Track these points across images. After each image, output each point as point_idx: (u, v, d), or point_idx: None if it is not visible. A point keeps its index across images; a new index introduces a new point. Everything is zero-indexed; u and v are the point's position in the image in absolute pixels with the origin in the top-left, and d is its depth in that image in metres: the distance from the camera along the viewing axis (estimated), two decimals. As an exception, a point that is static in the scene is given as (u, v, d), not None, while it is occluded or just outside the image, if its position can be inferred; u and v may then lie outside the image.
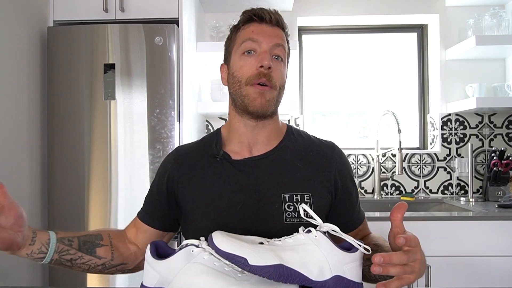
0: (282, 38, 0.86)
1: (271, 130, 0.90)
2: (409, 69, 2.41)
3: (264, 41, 0.83)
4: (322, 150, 0.91)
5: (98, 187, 1.65)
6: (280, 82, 0.86)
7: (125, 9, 1.72)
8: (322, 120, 2.47)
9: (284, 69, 0.88)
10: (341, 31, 2.42)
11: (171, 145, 1.64)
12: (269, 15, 0.86)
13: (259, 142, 0.89)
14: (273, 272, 0.62)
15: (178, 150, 0.95)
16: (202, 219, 0.83)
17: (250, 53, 0.84)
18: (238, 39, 0.87)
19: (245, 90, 0.83)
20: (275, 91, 0.85)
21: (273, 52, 0.84)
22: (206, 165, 0.88)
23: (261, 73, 0.82)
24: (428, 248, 1.58)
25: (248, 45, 0.84)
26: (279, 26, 0.87)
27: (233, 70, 0.86)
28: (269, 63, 0.81)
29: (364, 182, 2.24)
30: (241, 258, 0.62)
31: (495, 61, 2.22)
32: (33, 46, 1.67)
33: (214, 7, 2.17)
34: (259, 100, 0.82)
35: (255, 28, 0.85)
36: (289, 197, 0.83)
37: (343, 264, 0.65)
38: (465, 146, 2.20)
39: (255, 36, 0.84)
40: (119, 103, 1.66)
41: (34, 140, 1.68)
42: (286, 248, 0.65)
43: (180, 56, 1.68)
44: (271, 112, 0.86)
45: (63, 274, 1.65)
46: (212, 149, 0.90)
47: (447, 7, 2.24)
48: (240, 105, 0.85)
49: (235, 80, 0.85)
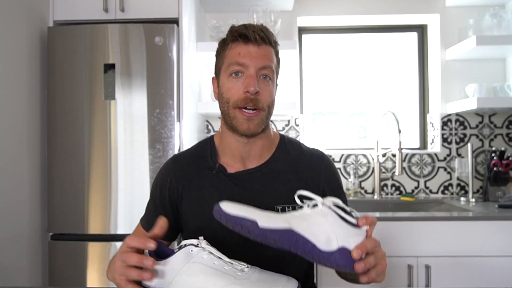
0: (269, 57, 0.86)
1: (263, 143, 0.92)
2: (409, 69, 2.41)
3: (251, 64, 0.83)
4: (312, 161, 0.94)
5: (98, 187, 1.65)
6: (268, 101, 0.86)
7: (125, 9, 1.72)
8: (322, 120, 2.46)
9: (272, 87, 0.88)
10: (341, 31, 2.42)
11: (171, 145, 1.64)
12: (254, 34, 0.84)
13: (251, 155, 0.91)
14: (282, 237, 0.60)
15: (175, 161, 0.96)
16: (198, 231, 0.85)
17: (238, 74, 0.84)
18: (226, 60, 0.87)
19: (233, 113, 0.85)
20: (264, 113, 0.86)
21: (260, 73, 0.85)
22: (203, 177, 0.91)
23: (247, 98, 0.83)
24: (428, 248, 1.58)
25: (236, 68, 0.84)
26: (266, 43, 0.86)
27: (222, 91, 0.88)
28: (255, 88, 0.82)
29: (364, 182, 2.24)
30: (249, 222, 0.60)
31: (495, 61, 2.22)
32: (33, 46, 1.67)
33: (214, 7, 2.17)
34: (246, 125, 0.84)
35: (241, 50, 0.84)
36: (281, 209, 0.86)
37: (348, 236, 0.64)
38: (465, 146, 2.20)
39: (241, 59, 0.84)
40: (119, 103, 1.66)
41: (34, 140, 1.68)
42: (294, 217, 0.65)
43: (180, 56, 1.68)
44: (261, 131, 0.88)
45: (63, 274, 1.65)
46: (207, 161, 0.92)
47: (447, 7, 2.24)
48: (230, 125, 0.87)
49: (223, 101, 0.87)
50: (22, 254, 1.59)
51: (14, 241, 1.54)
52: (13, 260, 1.54)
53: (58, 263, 1.65)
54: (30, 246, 1.64)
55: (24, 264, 1.60)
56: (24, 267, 1.60)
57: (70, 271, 1.64)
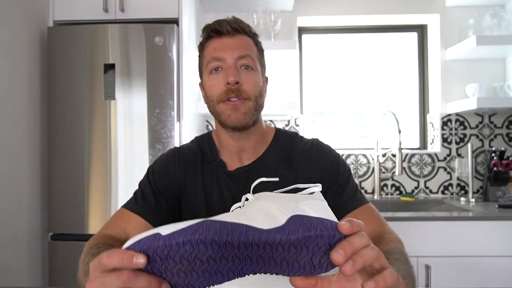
0: (246, 47, 0.84)
1: (257, 137, 0.91)
2: (409, 69, 2.41)
3: (228, 56, 0.82)
4: (302, 151, 0.91)
5: (98, 187, 1.65)
6: (254, 92, 0.83)
7: (125, 9, 1.72)
8: (322, 120, 2.46)
9: (256, 77, 0.85)
10: (341, 31, 2.42)
11: (171, 145, 1.64)
12: (227, 26, 0.82)
13: (246, 150, 0.90)
14: (193, 232, 0.42)
15: (179, 152, 0.94)
16: None
17: (218, 70, 0.83)
18: (204, 59, 0.86)
19: (219, 108, 0.83)
20: (250, 102, 0.83)
21: (240, 63, 0.82)
22: (206, 171, 0.90)
23: (229, 90, 0.81)
24: (428, 248, 1.58)
25: (214, 64, 0.83)
26: (241, 33, 0.84)
27: (206, 91, 0.87)
28: (235, 78, 0.80)
29: (364, 182, 2.24)
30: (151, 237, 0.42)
31: (495, 61, 2.21)
32: (33, 46, 1.67)
33: (214, 7, 2.17)
34: (234, 115, 0.82)
35: (216, 45, 0.83)
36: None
37: (297, 202, 0.49)
38: (465, 146, 2.20)
39: (217, 54, 0.82)
40: (119, 103, 1.66)
41: (34, 140, 1.68)
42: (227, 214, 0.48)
43: (180, 56, 1.68)
44: (251, 122, 0.85)
45: (63, 274, 1.65)
46: (208, 155, 0.92)
47: (447, 7, 2.24)
48: (219, 121, 0.86)
49: (209, 100, 0.86)
50: (22, 254, 1.59)
51: (14, 241, 1.54)
52: (13, 260, 1.54)
53: (58, 263, 1.65)
54: (30, 246, 1.63)
55: (24, 264, 1.60)
56: (24, 267, 1.60)
57: (70, 271, 1.64)
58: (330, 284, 0.48)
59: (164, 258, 0.42)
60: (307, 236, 0.44)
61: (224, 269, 0.45)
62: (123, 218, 0.86)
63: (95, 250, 0.74)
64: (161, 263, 0.42)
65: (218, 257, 0.44)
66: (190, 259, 0.43)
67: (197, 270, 0.44)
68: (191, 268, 0.44)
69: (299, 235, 0.44)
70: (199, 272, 0.44)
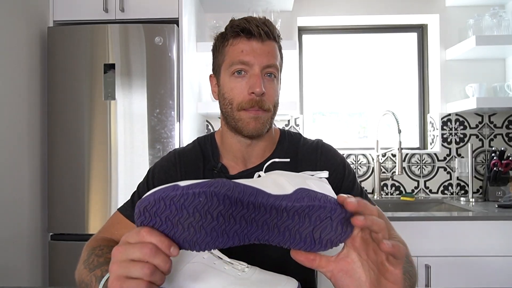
0: (273, 55, 0.81)
1: (266, 142, 0.89)
2: (409, 69, 2.41)
3: (255, 63, 0.78)
4: (308, 153, 0.89)
5: (98, 187, 1.65)
6: (274, 101, 0.83)
7: (125, 9, 1.72)
8: (322, 120, 2.46)
9: (277, 85, 0.83)
10: (341, 31, 2.42)
11: (171, 145, 1.64)
12: (258, 29, 0.78)
13: (253, 155, 0.88)
14: (209, 185, 0.46)
15: (180, 155, 0.91)
16: None
17: (241, 73, 0.79)
18: (227, 57, 0.81)
19: (238, 115, 0.80)
20: (270, 113, 0.82)
21: (265, 72, 0.80)
22: (207, 177, 0.87)
23: (253, 100, 0.78)
24: (428, 248, 1.58)
25: (239, 67, 0.79)
26: (270, 38, 0.81)
27: (224, 91, 0.83)
28: (261, 89, 0.77)
29: (364, 182, 2.24)
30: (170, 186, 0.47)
31: (495, 61, 2.22)
32: (33, 46, 1.67)
33: (214, 7, 2.17)
34: (253, 124, 0.80)
35: (244, 47, 0.79)
36: None
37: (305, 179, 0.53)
38: (465, 146, 2.20)
39: (245, 58, 0.78)
40: (119, 103, 1.66)
41: (34, 140, 1.68)
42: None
43: (180, 56, 1.68)
44: (266, 131, 0.84)
45: (63, 274, 1.65)
46: (209, 160, 0.88)
47: (447, 7, 2.24)
48: (233, 127, 0.82)
49: (226, 102, 0.82)
50: (22, 254, 1.59)
51: (14, 241, 1.54)
52: (13, 260, 1.54)
53: (58, 263, 1.65)
54: (30, 246, 1.64)
55: (24, 264, 1.60)
56: (24, 267, 1.60)
57: (70, 271, 1.63)
58: (329, 264, 0.52)
59: (179, 208, 0.46)
60: (311, 205, 0.48)
61: (230, 231, 0.48)
62: (119, 225, 0.86)
63: (99, 252, 0.74)
64: (175, 213, 0.47)
65: (227, 215, 0.47)
66: (202, 213, 0.47)
67: (206, 227, 0.48)
68: (201, 224, 0.47)
69: (304, 203, 0.48)
70: (208, 230, 0.48)
